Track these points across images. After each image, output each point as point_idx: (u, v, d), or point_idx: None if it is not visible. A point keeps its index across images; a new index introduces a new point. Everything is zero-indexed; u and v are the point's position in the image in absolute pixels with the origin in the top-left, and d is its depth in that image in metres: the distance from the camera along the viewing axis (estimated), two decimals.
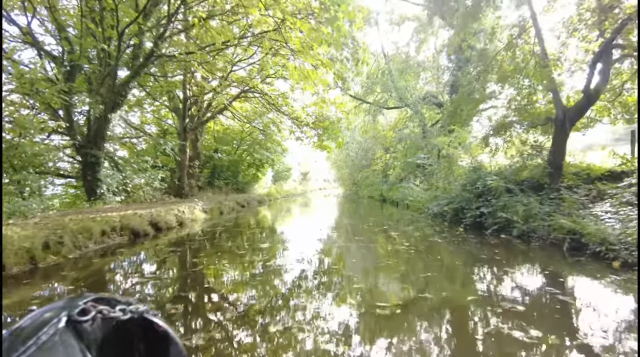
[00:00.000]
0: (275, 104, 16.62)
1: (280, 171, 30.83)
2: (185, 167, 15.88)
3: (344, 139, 17.02)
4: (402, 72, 14.54)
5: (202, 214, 9.45)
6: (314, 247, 5.49)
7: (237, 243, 6.05)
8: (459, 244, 5.61)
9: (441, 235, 6.40)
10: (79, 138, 11.02)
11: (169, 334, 0.60)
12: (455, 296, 3.40)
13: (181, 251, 5.50)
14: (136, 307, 0.58)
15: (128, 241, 5.86)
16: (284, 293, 3.53)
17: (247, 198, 15.81)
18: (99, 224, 5.35)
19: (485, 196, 6.80)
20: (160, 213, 7.38)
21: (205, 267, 4.48)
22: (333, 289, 3.62)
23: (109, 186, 11.40)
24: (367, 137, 19.81)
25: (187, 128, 15.91)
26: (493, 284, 3.77)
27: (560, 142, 6.97)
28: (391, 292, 3.65)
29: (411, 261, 4.76)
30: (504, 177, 6.83)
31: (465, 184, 7.32)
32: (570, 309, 3.04)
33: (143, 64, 11.07)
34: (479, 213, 6.60)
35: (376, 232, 6.93)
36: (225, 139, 22.11)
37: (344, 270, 4.50)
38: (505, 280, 3.85)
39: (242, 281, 4.01)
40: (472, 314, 2.95)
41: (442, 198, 7.81)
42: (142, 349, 0.60)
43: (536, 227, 5.44)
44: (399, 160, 14.69)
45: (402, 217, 9.40)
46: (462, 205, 7.03)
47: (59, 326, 0.47)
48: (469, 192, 7.06)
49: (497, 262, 4.51)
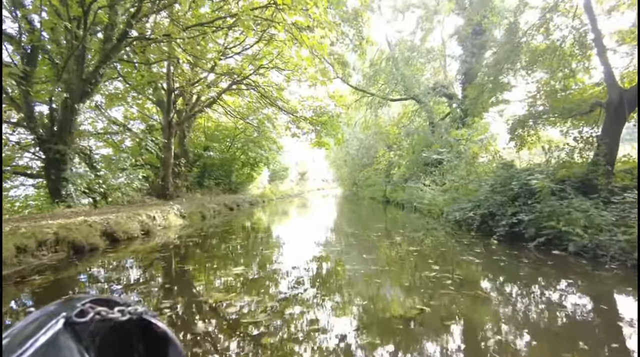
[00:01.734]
0: (269, 97, 15.25)
1: (277, 171, 29.47)
2: (170, 165, 14.48)
3: (343, 136, 15.66)
4: (408, 60, 13.21)
5: (179, 219, 8.06)
6: (305, 281, 3.91)
7: (203, 264, 4.61)
8: (506, 268, 4.13)
9: (472, 251, 4.99)
10: (41, 131, 9.60)
11: (168, 335, 0.61)
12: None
13: (119, 276, 4.07)
14: (135, 309, 0.58)
15: (65, 259, 4.47)
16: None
17: (237, 200, 14.43)
18: (19, 238, 3.96)
19: (522, 198, 5.46)
20: (121, 220, 5.99)
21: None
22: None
23: (77, 186, 10.00)
24: (368, 134, 18.46)
25: (173, 123, 14.52)
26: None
27: (614, 133, 5.66)
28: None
29: (455, 306, 2.92)
30: (546, 176, 5.47)
31: (494, 184, 5.97)
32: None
33: (115, 46, 9.68)
34: (516, 221, 5.24)
35: (389, 247, 5.53)
36: (218, 137, 20.72)
37: (351, 324, 2.68)
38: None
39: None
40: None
41: (464, 201, 6.46)
42: (142, 350, 0.60)
43: (603, 242, 4.09)
44: (404, 158, 13.33)
45: (415, 224, 8.03)
46: (492, 210, 5.68)
47: (57, 328, 0.47)
48: (500, 195, 5.72)
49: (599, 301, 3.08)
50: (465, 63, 11.42)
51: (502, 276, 3.90)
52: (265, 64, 14.19)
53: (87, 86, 9.73)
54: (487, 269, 4.20)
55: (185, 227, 7.69)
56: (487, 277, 3.98)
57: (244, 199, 15.04)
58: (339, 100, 15.58)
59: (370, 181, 18.15)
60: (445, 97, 12.84)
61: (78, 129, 9.91)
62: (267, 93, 15.01)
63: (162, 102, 14.34)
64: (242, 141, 20.77)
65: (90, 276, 4.10)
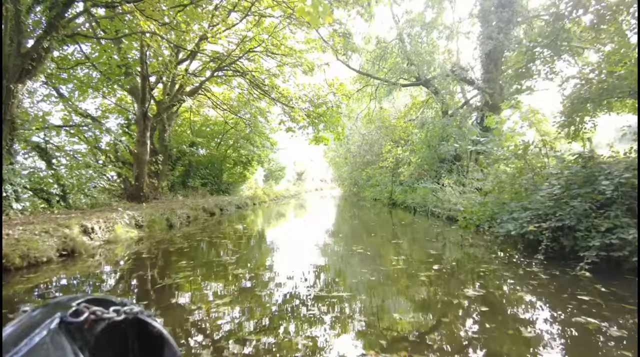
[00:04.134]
0: (260, 85, 13.39)
1: (274, 171, 27.63)
2: (145, 163, 12.60)
3: (344, 130, 13.79)
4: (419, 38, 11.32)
5: (132, 230, 6.16)
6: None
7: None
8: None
9: (561, 294, 3.14)
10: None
11: (164, 335, 0.60)
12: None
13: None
14: (130, 308, 0.58)
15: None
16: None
17: (222, 203, 12.55)
18: None
19: (618, 206, 3.62)
20: (32, 234, 4.12)
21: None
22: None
23: (16, 186, 8.12)
24: (371, 129, 16.57)
25: (148, 114, 12.64)
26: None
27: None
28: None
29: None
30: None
31: (567, 184, 4.12)
32: None
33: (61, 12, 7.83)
34: (615, 240, 3.40)
35: (426, 288, 3.63)
36: (206, 132, 18.85)
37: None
38: None
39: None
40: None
41: (517, 208, 4.60)
42: (137, 350, 0.60)
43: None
44: (416, 154, 11.41)
45: (440, 239, 6.17)
46: (569, 222, 3.84)
47: (51, 327, 0.47)
48: (580, 200, 3.88)
49: None
50: (488, 41, 9.60)
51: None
52: (256, 49, 12.35)
53: (26, 63, 7.84)
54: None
55: (137, 242, 5.76)
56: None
57: (230, 201, 13.16)
58: (339, 89, 13.74)
59: (374, 180, 16.33)
60: (463, 82, 10.96)
61: (17, 116, 8.00)
62: (257, 81, 13.15)
63: (135, 91, 12.44)
64: (233, 137, 18.90)
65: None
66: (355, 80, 14.17)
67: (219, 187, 18.31)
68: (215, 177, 18.54)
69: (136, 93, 12.39)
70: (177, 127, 18.48)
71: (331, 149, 27.85)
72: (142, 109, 12.32)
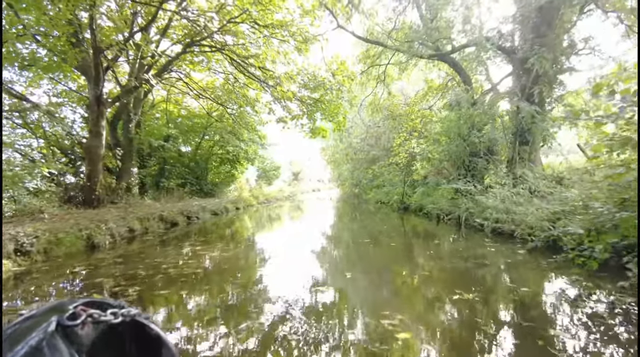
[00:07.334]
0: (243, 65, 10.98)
1: (268, 170, 25.21)
2: (100, 158, 10.20)
3: (345, 118, 11.39)
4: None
5: (4, 262, 3.72)
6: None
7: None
8: None
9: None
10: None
11: (161, 337, 0.59)
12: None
13: None
14: (128, 311, 0.57)
15: None
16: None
17: (191, 208, 10.13)
18: None
19: None
20: None
21: None
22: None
23: None
24: (377, 120, 14.10)
25: (103, 99, 10.23)
26: None
27: None
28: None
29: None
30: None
31: None
32: None
33: None
34: None
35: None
36: (186, 125, 16.41)
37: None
38: None
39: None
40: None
41: None
42: (134, 352, 0.59)
43: None
44: (439, 146, 8.87)
45: (516, 281, 3.71)
46: None
47: (48, 330, 0.46)
48: None
49: None
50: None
51: None
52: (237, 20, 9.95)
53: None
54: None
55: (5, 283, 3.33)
56: None
57: (204, 206, 10.73)
58: (339, 70, 11.36)
59: (380, 180, 13.97)
60: (502, 52, 8.45)
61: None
62: (240, 58, 10.74)
63: (87, 69, 9.99)
64: (218, 132, 16.46)
65: None
66: (358, 60, 11.80)
67: (201, 188, 15.88)
68: (197, 177, 16.12)
69: (88, 72, 9.96)
70: (154, 120, 16.07)
71: (330, 145, 25.42)
72: (95, 91, 9.90)
